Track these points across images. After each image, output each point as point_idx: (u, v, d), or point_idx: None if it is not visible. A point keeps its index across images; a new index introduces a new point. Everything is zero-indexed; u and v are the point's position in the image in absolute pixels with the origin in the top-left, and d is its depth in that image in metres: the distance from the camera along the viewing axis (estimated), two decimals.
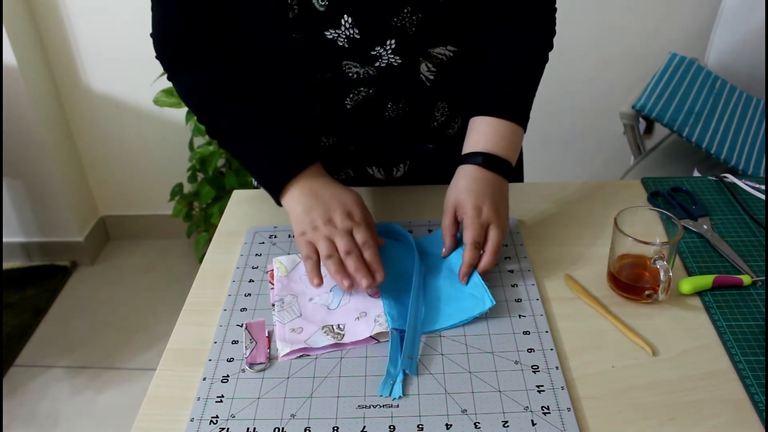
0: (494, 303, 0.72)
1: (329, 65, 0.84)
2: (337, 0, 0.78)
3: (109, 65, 2.07)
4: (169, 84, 1.89)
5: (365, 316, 0.73)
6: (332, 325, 0.72)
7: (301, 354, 0.69)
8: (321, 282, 0.73)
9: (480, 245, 0.76)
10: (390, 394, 0.64)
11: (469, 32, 0.86)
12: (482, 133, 0.81)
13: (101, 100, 2.14)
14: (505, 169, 0.80)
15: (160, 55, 0.85)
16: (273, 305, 0.75)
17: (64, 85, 2.12)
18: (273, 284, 0.78)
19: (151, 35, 0.83)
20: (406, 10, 0.79)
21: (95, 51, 2.05)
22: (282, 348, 0.69)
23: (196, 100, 0.85)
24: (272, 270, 0.80)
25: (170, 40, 0.84)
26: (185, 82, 0.85)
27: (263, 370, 0.68)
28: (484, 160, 0.79)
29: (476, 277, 0.75)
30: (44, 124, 2.06)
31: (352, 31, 0.80)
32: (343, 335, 0.71)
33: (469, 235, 0.75)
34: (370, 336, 0.70)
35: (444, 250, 0.79)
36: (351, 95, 0.87)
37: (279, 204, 0.81)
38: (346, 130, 0.93)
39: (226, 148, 0.85)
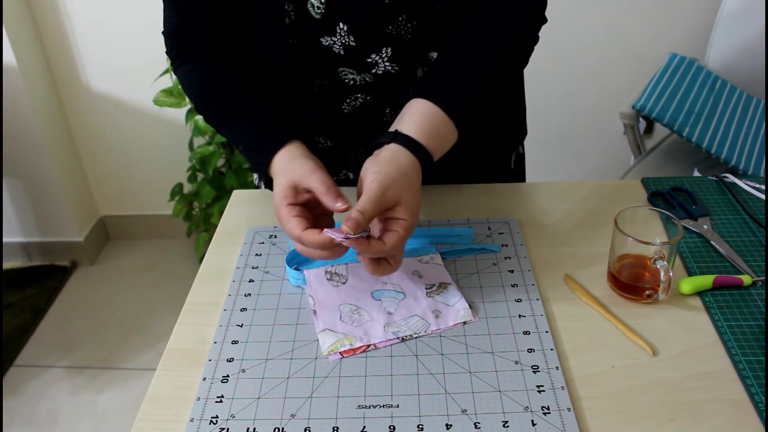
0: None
1: (326, 71, 0.85)
2: (333, 8, 0.78)
3: (109, 65, 2.07)
4: (169, 84, 1.91)
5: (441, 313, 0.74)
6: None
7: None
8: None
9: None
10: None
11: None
12: (417, 118, 0.74)
13: (101, 100, 2.14)
14: (426, 159, 0.73)
15: (167, 51, 0.88)
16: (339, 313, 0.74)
17: (64, 85, 2.12)
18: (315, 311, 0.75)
19: (162, 33, 0.87)
20: (401, 18, 0.79)
21: (95, 51, 2.05)
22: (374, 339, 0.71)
23: (193, 91, 0.86)
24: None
25: (174, 37, 0.86)
26: (185, 74, 0.87)
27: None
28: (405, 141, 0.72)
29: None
30: (44, 124, 2.06)
31: (347, 39, 0.80)
32: (429, 324, 0.72)
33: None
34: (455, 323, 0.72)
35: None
36: (348, 101, 0.87)
37: (269, 184, 0.77)
38: (344, 134, 0.93)
39: (222, 134, 0.86)
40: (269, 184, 0.77)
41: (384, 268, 0.70)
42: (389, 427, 0.61)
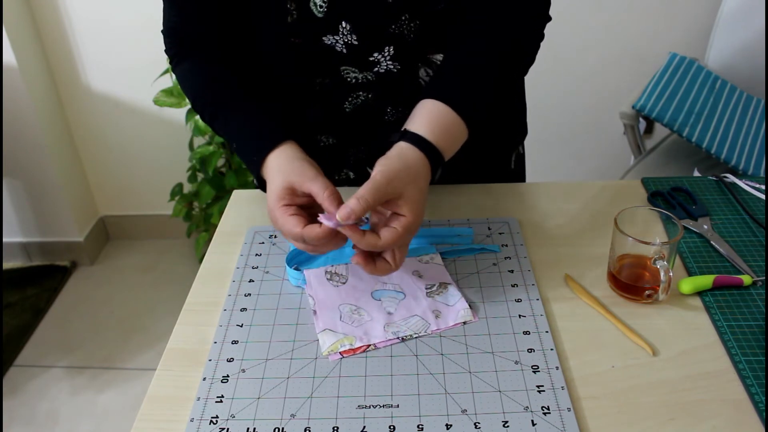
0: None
1: (328, 70, 0.85)
2: (336, 6, 0.78)
3: (109, 65, 2.07)
4: (169, 84, 1.91)
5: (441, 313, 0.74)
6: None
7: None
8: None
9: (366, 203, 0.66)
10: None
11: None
12: (426, 117, 0.74)
13: (101, 100, 2.14)
14: (435, 156, 0.73)
15: (166, 50, 0.88)
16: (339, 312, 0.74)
17: (64, 86, 2.12)
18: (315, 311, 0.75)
19: (162, 32, 0.87)
20: (404, 17, 0.79)
21: (95, 51, 2.05)
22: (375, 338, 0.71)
23: (191, 89, 0.86)
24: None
25: (173, 36, 0.87)
26: (183, 72, 0.87)
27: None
28: (417, 141, 0.72)
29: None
30: (44, 124, 2.06)
31: (350, 38, 0.80)
32: (429, 324, 0.72)
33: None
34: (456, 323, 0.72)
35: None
36: (350, 99, 0.87)
37: (261, 184, 0.77)
38: (345, 132, 0.93)
39: (217, 132, 0.87)
40: (262, 185, 0.77)
41: (382, 267, 0.70)
42: (389, 427, 0.61)
